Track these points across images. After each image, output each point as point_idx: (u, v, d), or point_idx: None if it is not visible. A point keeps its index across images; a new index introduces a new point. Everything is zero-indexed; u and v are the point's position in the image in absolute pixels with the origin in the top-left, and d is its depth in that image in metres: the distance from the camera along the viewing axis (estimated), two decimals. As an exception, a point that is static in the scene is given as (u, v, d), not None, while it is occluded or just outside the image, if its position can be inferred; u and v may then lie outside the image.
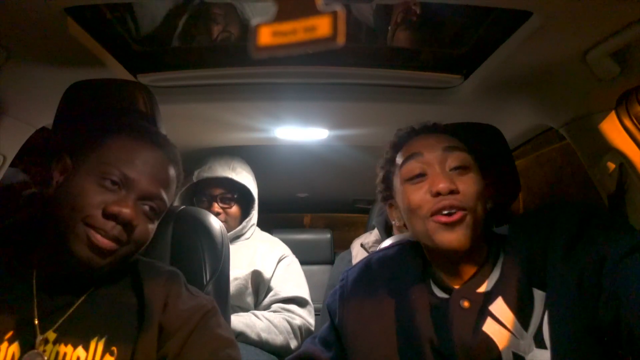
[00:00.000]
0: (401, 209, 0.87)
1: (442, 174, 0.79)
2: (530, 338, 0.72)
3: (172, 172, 0.82)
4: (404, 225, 0.89)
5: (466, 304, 0.79)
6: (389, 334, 0.84)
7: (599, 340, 0.67)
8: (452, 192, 0.77)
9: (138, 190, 0.75)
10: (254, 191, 1.78)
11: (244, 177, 1.76)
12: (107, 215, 0.72)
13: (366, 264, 0.97)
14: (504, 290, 0.77)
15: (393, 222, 0.92)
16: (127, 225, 0.73)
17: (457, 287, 0.82)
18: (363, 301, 0.90)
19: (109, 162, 0.74)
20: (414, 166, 0.83)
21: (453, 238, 0.76)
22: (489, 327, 0.75)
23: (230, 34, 1.17)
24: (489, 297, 0.77)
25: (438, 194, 0.77)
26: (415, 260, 0.91)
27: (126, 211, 0.72)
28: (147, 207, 0.77)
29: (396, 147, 0.91)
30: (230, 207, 1.74)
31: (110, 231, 0.72)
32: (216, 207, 1.71)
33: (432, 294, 0.84)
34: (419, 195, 0.80)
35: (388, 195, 0.92)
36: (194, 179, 1.72)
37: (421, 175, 0.82)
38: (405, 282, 0.88)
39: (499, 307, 0.76)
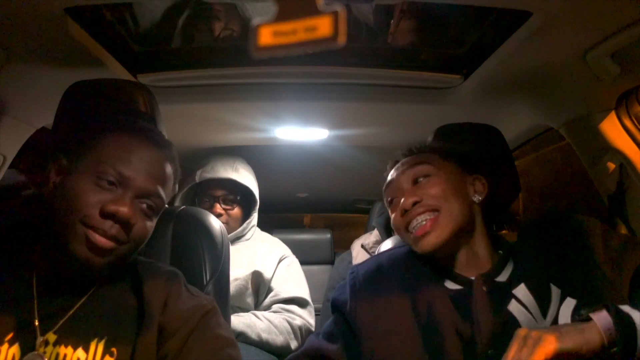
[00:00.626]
0: None
1: (405, 192, 0.90)
2: (548, 326, 0.77)
3: (169, 169, 0.81)
4: None
5: (485, 288, 0.84)
6: (408, 325, 0.85)
7: None
8: (415, 203, 0.87)
9: (135, 188, 0.75)
10: (256, 193, 1.77)
11: (247, 178, 1.75)
12: (105, 215, 0.71)
13: (376, 261, 0.99)
14: (525, 278, 0.83)
15: None
16: (125, 224, 0.73)
17: (472, 277, 0.86)
18: (375, 294, 0.92)
19: (104, 161, 0.74)
20: (386, 194, 0.97)
21: (426, 243, 0.86)
22: (514, 308, 0.80)
23: (232, 31, 1.16)
24: (510, 284, 0.84)
25: (405, 211, 0.88)
26: (425, 258, 0.93)
27: (123, 210, 0.72)
28: (144, 205, 0.77)
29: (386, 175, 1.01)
30: (232, 209, 1.73)
31: (108, 230, 0.71)
32: (218, 208, 1.70)
33: (447, 287, 0.88)
34: (396, 217, 0.92)
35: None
36: (197, 179, 1.70)
37: (394, 199, 0.94)
38: (418, 278, 0.91)
39: (522, 291, 0.82)
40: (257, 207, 1.77)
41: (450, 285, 0.88)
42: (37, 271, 0.76)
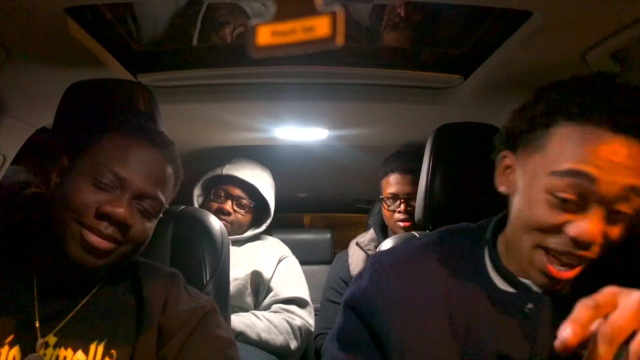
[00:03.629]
0: None
1: (597, 219, 0.61)
2: None
3: (169, 170, 0.80)
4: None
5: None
6: (443, 329, 0.70)
7: None
8: (588, 244, 0.63)
9: (132, 189, 0.74)
10: (272, 208, 1.75)
11: (268, 191, 1.74)
12: (101, 215, 0.71)
13: (403, 250, 0.84)
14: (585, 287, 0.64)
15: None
16: (122, 225, 0.72)
17: (526, 280, 0.69)
18: (405, 288, 0.76)
19: (102, 162, 0.73)
20: (574, 190, 0.63)
21: (553, 286, 0.66)
22: None
23: (245, 29, 1.14)
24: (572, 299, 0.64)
25: (576, 242, 0.63)
26: (468, 245, 0.78)
27: (119, 211, 0.71)
28: (143, 206, 0.76)
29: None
30: (243, 215, 1.72)
31: (104, 231, 0.71)
32: (229, 205, 1.69)
33: (493, 286, 0.71)
34: (558, 220, 0.63)
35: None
36: (222, 172, 1.70)
37: (575, 202, 0.63)
38: (458, 272, 0.74)
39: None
40: (269, 221, 1.75)
41: (500, 283, 0.70)
42: (37, 273, 0.76)
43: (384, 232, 1.76)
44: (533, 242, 0.66)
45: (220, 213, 1.65)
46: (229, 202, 1.70)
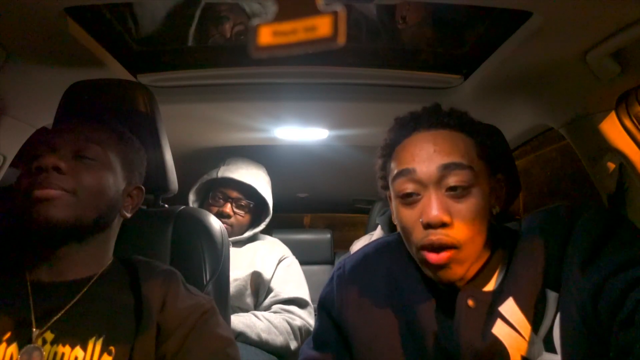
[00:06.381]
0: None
1: (435, 199, 0.71)
2: (540, 341, 0.69)
3: (103, 133, 0.82)
4: None
5: (471, 302, 0.73)
6: (391, 326, 0.79)
7: (607, 353, 0.63)
8: (443, 224, 0.70)
9: (64, 145, 0.77)
10: (271, 206, 1.75)
11: (266, 190, 1.74)
12: (37, 172, 0.73)
13: (363, 252, 0.91)
14: (515, 289, 0.72)
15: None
16: (58, 170, 0.74)
17: (460, 283, 0.76)
18: (362, 290, 0.84)
19: (40, 141, 0.78)
20: (405, 184, 0.74)
21: (441, 275, 0.73)
22: (499, 330, 0.70)
23: (244, 27, 1.15)
24: (498, 296, 0.73)
25: (429, 226, 0.71)
26: None
27: (48, 159, 0.73)
28: (83, 158, 0.78)
29: (394, 139, 0.84)
30: (243, 216, 1.72)
31: (44, 181, 0.72)
32: (228, 208, 1.69)
33: (434, 283, 0.78)
34: (411, 219, 0.74)
35: (387, 185, 0.84)
36: (217, 175, 1.70)
37: (413, 194, 0.74)
38: (405, 270, 0.82)
39: (510, 308, 0.71)
40: (268, 219, 1.75)
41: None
42: (31, 270, 0.77)
43: (392, 231, 1.76)
44: (415, 246, 0.74)
45: (220, 216, 1.64)
46: (228, 205, 1.70)
